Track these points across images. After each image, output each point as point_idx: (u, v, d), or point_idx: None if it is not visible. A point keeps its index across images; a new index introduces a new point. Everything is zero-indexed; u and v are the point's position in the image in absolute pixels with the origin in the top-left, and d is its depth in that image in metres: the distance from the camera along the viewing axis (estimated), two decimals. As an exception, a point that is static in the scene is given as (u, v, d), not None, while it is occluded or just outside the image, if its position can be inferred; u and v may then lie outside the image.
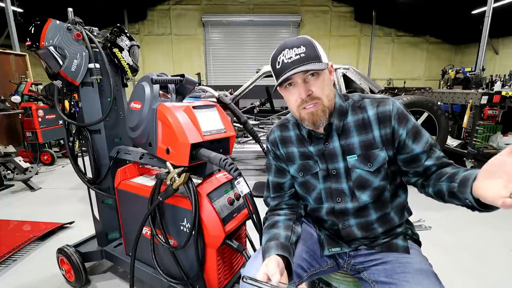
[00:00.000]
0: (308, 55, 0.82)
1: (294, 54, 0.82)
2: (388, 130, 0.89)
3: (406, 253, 0.93)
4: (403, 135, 0.88)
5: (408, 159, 0.90)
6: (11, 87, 4.71)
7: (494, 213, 0.73)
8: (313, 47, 0.84)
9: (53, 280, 1.85)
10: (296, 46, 0.83)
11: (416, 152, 0.88)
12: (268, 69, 3.57)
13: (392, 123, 0.89)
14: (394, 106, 0.90)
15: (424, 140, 0.88)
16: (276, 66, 0.86)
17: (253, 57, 10.58)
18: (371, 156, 0.90)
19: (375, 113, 0.90)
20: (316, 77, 0.85)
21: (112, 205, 1.74)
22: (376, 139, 0.90)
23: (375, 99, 0.93)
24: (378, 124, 0.90)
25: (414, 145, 0.88)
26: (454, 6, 9.08)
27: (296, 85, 0.86)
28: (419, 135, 0.89)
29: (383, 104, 0.90)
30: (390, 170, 0.93)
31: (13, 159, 3.49)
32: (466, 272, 1.92)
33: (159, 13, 10.49)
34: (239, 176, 1.09)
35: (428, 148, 0.88)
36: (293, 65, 0.82)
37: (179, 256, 1.35)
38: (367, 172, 0.91)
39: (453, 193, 0.77)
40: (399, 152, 0.91)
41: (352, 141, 0.92)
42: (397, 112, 0.89)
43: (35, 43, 1.37)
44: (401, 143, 0.89)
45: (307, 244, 1.02)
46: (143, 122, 1.32)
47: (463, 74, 6.45)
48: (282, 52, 0.84)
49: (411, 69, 11.67)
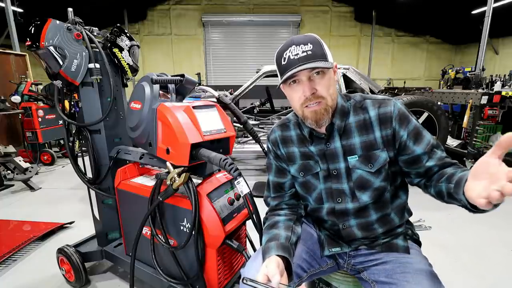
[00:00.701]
0: (315, 53, 0.82)
1: (301, 51, 0.82)
2: (389, 131, 0.89)
3: (406, 253, 0.93)
4: (404, 136, 0.88)
5: (409, 160, 0.90)
6: (11, 87, 4.71)
7: (494, 213, 0.73)
8: (320, 46, 0.84)
9: (53, 280, 1.85)
10: (303, 43, 0.83)
11: (417, 153, 0.88)
12: (268, 69, 3.57)
13: (393, 124, 0.88)
14: (396, 107, 0.89)
15: (425, 141, 0.88)
16: (282, 62, 0.85)
17: (253, 57, 10.59)
18: (372, 157, 0.90)
19: (376, 114, 0.90)
20: (321, 76, 0.85)
21: (112, 205, 1.74)
22: (377, 140, 0.90)
23: (377, 100, 0.93)
24: (379, 125, 0.90)
25: (415, 146, 0.88)
26: (454, 6, 9.09)
27: (300, 82, 0.85)
28: (420, 136, 0.88)
29: (384, 105, 0.90)
30: (390, 171, 0.92)
31: (13, 159, 3.49)
32: (466, 272, 1.92)
33: (159, 13, 10.49)
34: (239, 176, 1.09)
35: (429, 149, 0.87)
36: (300, 62, 0.81)
37: (179, 256, 1.35)
38: (367, 172, 0.91)
39: (451, 194, 0.77)
40: (400, 153, 0.91)
41: (353, 141, 0.92)
42: (398, 113, 0.89)
43: (35, 43, 1.37)
44: (402, 145, 0.89)
45: (307, 245, 1.02)
46: (143, 122, 1.32)
47: (463, 74, 6.45)
48: (289, 48, 0.84)
49: (411, 69, 11.67)
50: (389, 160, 0.91)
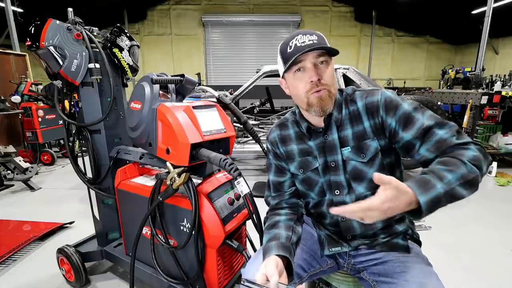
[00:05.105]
0: (320, 42, 0.84)
1: (308, 39, 0.84)
2: (377, 120, 0.89)
3: (406, 253, 0.93)
4: (392, 124, 0.87)
5: (403, 147, 0.87)
6: (11, 87, 4.71)
7: (494, 213, 0.73)
8: (323, 39, 0.87)
9: (53, 280, 1.85)
10: (309, 33, 0.86)
11: (406, 139, 0.84)
12: (268, 69, 3.58)
13: (381, 113, 0.88)
14: (383, 95, 0.89)
15: (417, 126, 0.83)
16: (288, 50, 0.86)
17: (253, 57, 10.59)
18: (363, 146, 0.91)
19: (363, 104, 0.91)
20: (326, 65, 0.86)
21: (112, 205, 1.74)
22: (366, 130, 0.91)
23: (365, 91, 0.94)
24: (367, 114, 0.91)
25: (403, 133, 0.85)
26: (454, 6, 9.08)
27: (306, 70, 0.86)
28: (410, 121, 0.84)
29: (371, 94, 0.91)
30: (385, 161, 0.92)
31: (13, 159, 3.49)
32: (466, 272, 1.92)
33: (159, 13, 10.49)
34: (239, 176, 1.09)
35: (421, 133, 0.82)
36: (306, 47, 0.83)
37: (179, 256, 1.35)
38: (361, 163, 0.92)
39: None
40: (392, 141, 0.90)
41: (346, 133, 0.94)
42: (385, 102, 0.88)
43: (35, 43, 1.37)
44: (391, 132, 0.88)
45: (307, 244, 1.03)
46: (143, 122, 1.32)
47: (463, 74, 6.46)
48: (295, 37, 0.86)
49: (411, 69, 11.67)
50: (381, 149, 0.90)
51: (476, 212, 2.78)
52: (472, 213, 2.77)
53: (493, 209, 2.82)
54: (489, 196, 3.22)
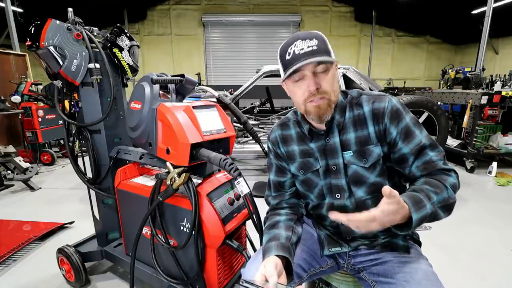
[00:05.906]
0: (320, 48, 0.82)
1: (306, 46, 0.82)
2: (381, 126, 0.89)
3: (406, 253, 0.93)
4: (394, 134, 0.88)
5: (397, 159, 0.89)
6: (11, 87, 4.71)
7: (494, 213, 0.73)
8: (324, 42, 0.84)
9: (53, 280, 1.85)
10: (309, 38, 0.83)
11: (403, 152, 0.87)
12: (268, 69, 3.57)
13: (385, 121, 0.88)
14: (390, 103, 0.89)
15: (415, 141, 0.86)
16: (286, 57, 0.85)
17: (253, 57, 10.58)
18: (366, 152, 0.91)
19: (370, 110, 0.91)
20: (325, 72, 0.85)
21: (112, 205, 1.74)
22: (371, 135, 0.91)
23: (372, 95, 0.93)
24: (372, 120, 0.90)
25: (403, 145, 0.87)
26: (454, 6, 9.08)
27: (304, 78, 0.85)
28: (410, 135, 0.87)
29: (378, 100, 0.91)
30: (386, 166, 0.92)
31: (13, 159, 3.48)
32: (466, 272, 1.92)
33: (159, 13, 10.48)
34: (239, 176, 1.09)
35: (417, 149, 0.86)
36: (305, 56, 0.81)
37: (179, 256, 1.35)
38: (362, 168, 0.92)
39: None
40: (390, 150, 0.91)
41: (349, 137, 0.93)
42: (391, 110, 0.88)
43: (35, 43, 1.37)
44: (391, 142, 0.89)
45: (307, 244, 1.03)
46: (143, 122, 1.32)
47: (463, 74, 6.45)
48: (294, 43, 0.84)
49: (411, 69, 11.66)
50: (384, 155, 0.91)
51: (476, 212, 2.78)
52: (472, 213, 2.77)
53: (493, 209, 2.82)
54: (489, 196, 3.23)
